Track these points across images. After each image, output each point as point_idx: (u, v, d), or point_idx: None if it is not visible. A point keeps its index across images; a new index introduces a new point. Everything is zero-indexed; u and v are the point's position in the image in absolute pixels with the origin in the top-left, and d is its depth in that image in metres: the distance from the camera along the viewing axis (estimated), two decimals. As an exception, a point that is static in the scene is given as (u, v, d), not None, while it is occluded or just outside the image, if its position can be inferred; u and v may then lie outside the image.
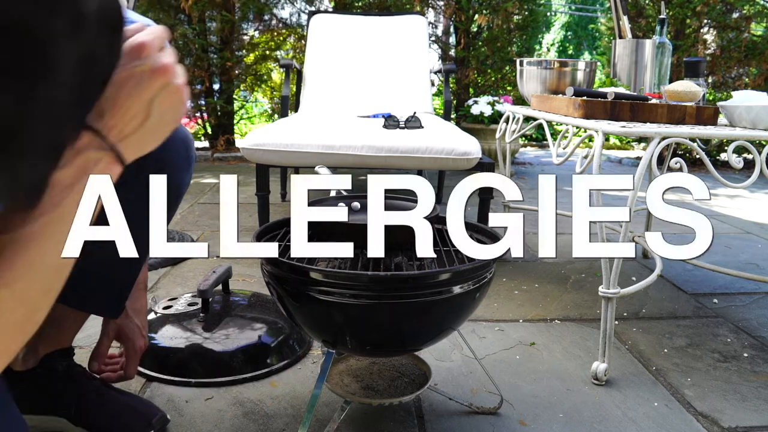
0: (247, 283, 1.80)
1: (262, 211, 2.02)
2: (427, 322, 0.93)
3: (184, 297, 1.47)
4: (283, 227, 1.14)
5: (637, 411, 1.17)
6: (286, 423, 1.09)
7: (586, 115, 1.38)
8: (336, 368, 1.13)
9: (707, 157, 1.19)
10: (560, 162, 1.40)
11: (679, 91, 1.43)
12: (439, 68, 3.31)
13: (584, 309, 1.69)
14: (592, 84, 1.86)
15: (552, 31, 15.28)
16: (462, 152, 1.86)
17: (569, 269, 2.05)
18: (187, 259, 2.03)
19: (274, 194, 2.48)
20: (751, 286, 1.90)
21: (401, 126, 2.10)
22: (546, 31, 14.30)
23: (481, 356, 1.37)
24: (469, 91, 4.92)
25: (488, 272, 0.96)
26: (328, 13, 3.31)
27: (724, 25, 4.68)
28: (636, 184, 1.17)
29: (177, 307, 1.41)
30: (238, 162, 4.38)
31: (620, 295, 1.26)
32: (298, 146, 1.89)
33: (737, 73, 4.73)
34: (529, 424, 1.11)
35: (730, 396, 1.24)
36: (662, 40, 1.82)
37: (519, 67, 1.91)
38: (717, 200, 3.48)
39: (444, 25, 5.21)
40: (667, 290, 1.86)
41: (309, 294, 0.88)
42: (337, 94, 2.91)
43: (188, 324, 1.33)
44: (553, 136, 1.54)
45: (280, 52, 5.01)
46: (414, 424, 1.10)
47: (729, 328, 1.58)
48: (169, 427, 1.06)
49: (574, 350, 1.43)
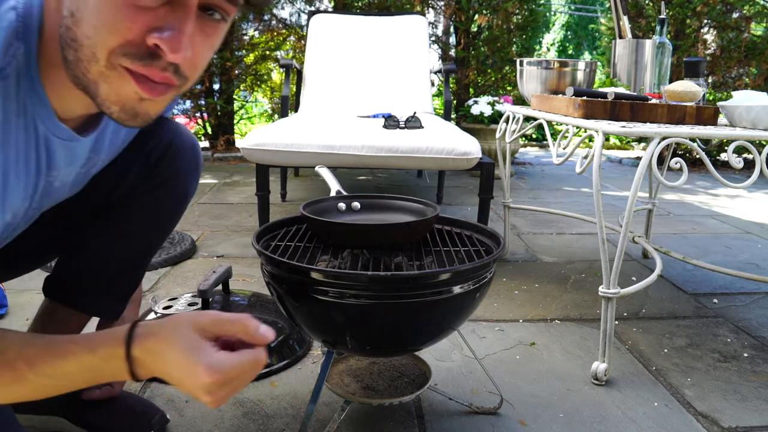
0: (247, 283, 1.80)
1: (262, 211, 2.02)
2: (427, 322, 0.93)
3: (184, 297, 1.47)
4: (283, 227, 1.14)
5: (637, 411, 1.17)
6: (286, 423, 1.09)
7: (586, 115, 1.38)
8: (336, 368, 1.13)
9: (707, 157, 1.19)
10: (560, 162, 1.40)
11: (679, 91, 1.43)
12: (439, 68, 3.31)
13: (584, 309, 1.69)
14: (592, 84, 1.86)
15: (552, 31, 15.28)
16: (462, 152, 1.86)
17: (569, 269, 2.05)
18: (187, 259, 2.03)
19: (274, 194, 2.48)
20: (751, 286, 1.90)
21: (401, 126, 2.10)
22: (546, 31, 14.30)
23: (481, 356, 1.37)
24: (469, 91, 4.92)
25: (488, 272, 0.96)
26: (328, 13, 3.31)
27: (724, 25, 4.68)
28: (636, 184, 1.17)
29: (177, 307, 1.40)
30: (238, 162, 4.38)
31: (620, 295, 1.26)
32: (298, 146, 1.89)
33: (737, 73, 4.73)
34: (529, 424, 1.11)
35: (730, 396, 1.24)
36: (662, 40, 1.82)
37: (519, 67, 1.91)
38: (717, 200, 3.48)
39: (444, 25, 5.21)
40: (667, 290, 1.86)
41: (309, 294, 0.88)
42: (337, 94, 2.91)
43: (188, 324, 1.33)
44: (553, 136, 1.54)
45: (280, 52, 5.01)
46: (414, 424, 1.10)
47: (729, 328, 1.58)
48: (169, 426, 1.06)
49: (574, 350, 1.43)
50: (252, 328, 0.65)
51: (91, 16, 0.55)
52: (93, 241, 0.96)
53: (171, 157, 0.96)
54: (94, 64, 0.56)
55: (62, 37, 0.57)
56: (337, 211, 1.14)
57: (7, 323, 1.47)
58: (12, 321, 1.48)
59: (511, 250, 2.25)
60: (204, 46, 0.60)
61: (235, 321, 0.65)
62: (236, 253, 2.13)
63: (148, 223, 0.98)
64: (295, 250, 1.01)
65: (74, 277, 0.97)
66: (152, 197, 0.96)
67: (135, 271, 1.03)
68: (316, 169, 1.33)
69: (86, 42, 0.56)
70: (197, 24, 0.58)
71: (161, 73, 0.58)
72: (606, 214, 1.41)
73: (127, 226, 0.96)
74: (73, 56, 0.57)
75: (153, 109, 0.62)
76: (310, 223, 1.05)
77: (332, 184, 1.22)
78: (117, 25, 0.55)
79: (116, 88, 0.58)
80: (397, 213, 1.14)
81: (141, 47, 0.56)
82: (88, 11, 0.55)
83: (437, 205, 1.65)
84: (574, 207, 3.10)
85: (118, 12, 0.54)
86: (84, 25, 0.55)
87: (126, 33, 0.55)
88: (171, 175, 0.96)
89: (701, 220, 2.90)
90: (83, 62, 0.57)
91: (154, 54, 0.56)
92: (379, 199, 1.18)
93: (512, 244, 2.32)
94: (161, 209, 0.98)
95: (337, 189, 1.20)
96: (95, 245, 0.96)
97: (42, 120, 0.64)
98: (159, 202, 0.97)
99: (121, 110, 0.60)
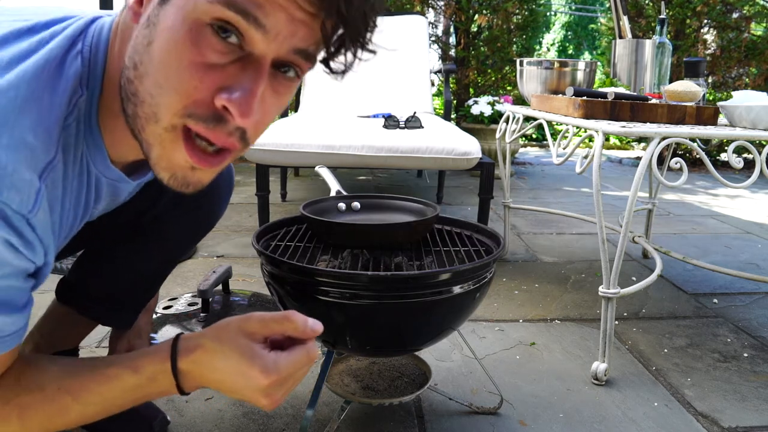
0: (247, 283, 1.80)
1: (262, 211, 2.02)
2: (427, 322, 0.93)
3: (184, 297, 1.47)
4: (283, 227, 1.14)
5: (637, 411, 1.17)
6: (286, 423, 1.09)
7: (586, 115, 1.38)
8: (336, 368, 1.13)
9: (707, 157, 1.19)
10: (560, 162, 1.40)
11: (679, 91, 1.43)
12: (439, 68, 3.31)
13: (584, 309, 1.69)
14: (592, 84, 1.86)
15: (552, 31, 15.28)
16: (462, 152, 1.86)
17: (569, 269, 2.05)
18: (187, 259, 2.03)
19: (274, 194, 2.48)
20: (751, 286, 1.90)
21: (401, 126, 2.10)
22: (546, 31, 14.30)
23: (481, 356, 1.37)
24: (469, 91, 4.92)
25: (488, 272, 0.96)
26: (328, 13, 3.31)
27: (724, 25, 4.68)
28: (636, 184, 1.17)
29: (177, 307, 1.41)
30: (238, 162, 4.38)
31: (620, 295, 1.26)
32: (298, 146, 1.89)
33: (737, 73, 4.73)
34: (529, 424, 1.11)
35: (730, 396, 1.24)
36: (662, 40, 1.82)
37: (519, 67, 1.91)
38: (717, 200, 3.48)
39: (444, 25, 5.21)
40: (667, 290, 1.86)
41: (309, 294, 0.88)
42: (337, 94, 2.91)
43: (188, 324, 1.33)
44: (553, 136, 1.54)
45: (280, 52, 5.00)
46: (414, 424, 1.10)
47: (729, 328, 1.58)
48: (169, 427, 1.06)
49: (574, 350, 1.43)
50: (300, 324, 0.63)
51: (156, 73, 0.50)
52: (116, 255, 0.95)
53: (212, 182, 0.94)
54: (153, 125, 0.53)
55: (123, 89, 0.54)
56: (337, 211, 1.14)
57: (7, 323, 1.47)
58: (12, 321, 1.48)
59: (511, 250, 2.25)
60: (273, 107, 0.55)
61: (281, 319, 0.63)
62: (236, 253, 2.13)
63: (175, 243, 0.98)
64: (295, 250, 1.01)
65: (91, 285, 0.97)
66: (183, 221, 0.95)
67: (153, 287, 1.03)
68: (316, 169, 1.33)
69: (148, 100, 0.52)
70: (269, 83, 0.53)
71: (227, 138, 0.53)
72: (606, 214, 1.41)
73: (154, 246, 0.95)
74: (132, 111, 0.53)
75: (206, 178, 0.58)
76: (310, 223, 1.05)
77: (332, 184, 1.22)
78: (184, 85, 0.50)
79: (169, 153, 0.54)
80: (397, 213, 1.14)
81: (208, 108, 0.51)
82: (152, 66, 0.51)
83: (437, 205, 1.65)
84: (574, 207, 3.10)
85: (185, 71, 0.49)
86: (147, 81, 0.51)
87: (193, 93, 0.50)
88: (206, 201, 0.95)
89: (701, 220, 2.90)
90: (141, 119, 0.53)
91: (221, 117, 0.51)
92: (379, 199, 1.18)
93: (512, 244, 2.32)
94: (189, 232, 0.98)
95: (337, 189, 1.20)
96: (118, 260, 0.96)
97: (95, 163, 0.62)
98: (189, 226, 0.97)
99: (171, 177, 0.56)
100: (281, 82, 0.54)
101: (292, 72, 0.54)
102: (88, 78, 0.57)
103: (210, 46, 0.49)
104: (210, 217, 0.99)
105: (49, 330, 1.00)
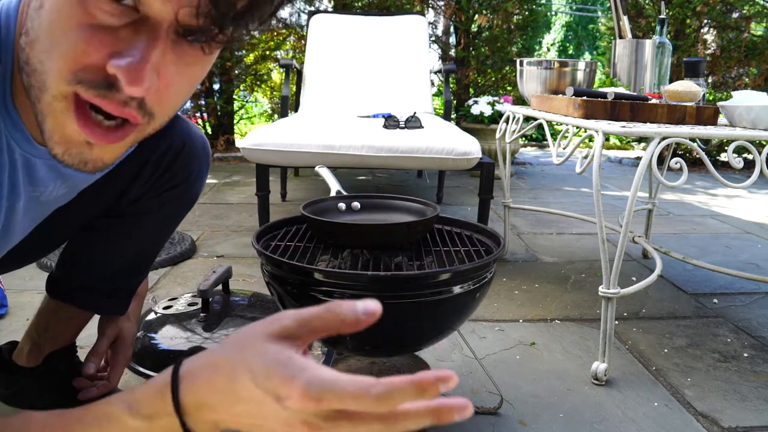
0: (247, 283, 1.80)
1: (262, 210, 2.02)
2: (427, 322, 0.93)
3: (184, 297, 1.47)
4: (283, 227, 1.14)
5: (637, 411, 1.17)
6: (286, 423, 1.09)
7: (586, 115, 1.38)
8: (336, 368, 1.13)
9: (707, 157, 1.19)
10: (560, 162, 1.40)
11: (679, 91, 1.43)
12: (439, 68, 3.31)
13: (584, 309, 1.69)
14: (592, 84, 1.86)
15: (552, 31, 15.28)
16: (462, 152, 1.86)
17: (569, 269, 2.05)
18: (187, 259, 2.03)
19: (274, 194, 2.48)
20: (751, 286, 1.90)
21: (401, 126, 2.10)
22: (546, 31, 14.30)
23: (481, 356, 1.37)
24: (469, 91, 4.92)
25: (488, 272, 0.96)
26: (328, 13, 3.31)
27: (724, 25, 4.68)
28: (636, 184, 1.17)
29: (177, 307, 1.40)
30: (238, 162, 4.38)
31: (620, 295, 1.26)
32: (298, 146, 1.89)
33: (737, 73, 4.72)
34: (529, 424, 1.11)
35: (730, 396, 1.24)
36: (662, 40, 1.82)
37: (519, 67, 1.91)
38: (717, 200, 3.48)
39: (444, 25, 5.21)
40: (667, 290, 1.86)
41: (309, 294, 0.88)
42: (337, 94, 2.91)
43: (188, 324, 1.33)
44: (553, 136, 1.54)
45: (280, 52, 5.01)
46: (414, 424, 1.09)
47: (729, 328, 1.58)
48: None
49: (574, 350, 1.43)
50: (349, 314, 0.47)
51: (44, 37, 0.46)
52: (99, 241, 0.95)
53: (183, 161, 0.92)
54: (45, 93, 0.48)
55: (20, 59, 0.49)
56: (337, 211, 1.14)
57: (7, 323, 1.47)
58: (12, 321, 1.48)
59: (511, 250, 2.25)
60: (181, 78, 0.49)
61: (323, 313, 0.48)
62: (236, 253, 2.13)
63: (156, 226, 0.97)
64: (295, 250, 1.01)
65: (78, 276, 0.97)
66: (162, 201, 0.94)
67: (141, 271, 1.03)
68: (316, 169, 1.33)
69: (38, 67, 0.47)
70: (174, 50, 0.48)
71: (122, 108, 0.48)
72: (606, 214, 1.41)
73: (135, 230, 0.95)
74: (27, 82, 0.49)
75: (108, 156, 0.53)
76: (310, 223, 1.05)
77: (332, 184, 1.22)
78: (70, 48, 0.45)
79: (61, 125, 0.49)
80: (397, 213, 1.14)
81: (99, 74, 0.46)
82: (42, 30, 0.46)
83: (437, 205, 1.65)
84: (574, 207, 3.10)
85: (72, 33, 0.45)
86: (38, 47, 0.47)
87: (81, 57, 0.45)
88: (182, 179, 0.94)
89: (701, 220, 2.90)
90: (35, 89, 0.48)
91: (113, 84, 0.46)
92: (379, 199, 1.18)
93: (512, 244, 2.32)
94: (170, 212, 0.97)
95: (337, 189, 1.20)
96: (101, 246, 0.95)
97: (18, 143, 0.58)
98: (168, 206, 0.95)
99: (65, 153, 0.51)
100: (187, 51, 0.48)
101: (201, 39, 0.48)
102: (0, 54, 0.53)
103: (99, 7, 0.44)
104: (187, 194, 0.96)
105: (44, 327, 1.00)
